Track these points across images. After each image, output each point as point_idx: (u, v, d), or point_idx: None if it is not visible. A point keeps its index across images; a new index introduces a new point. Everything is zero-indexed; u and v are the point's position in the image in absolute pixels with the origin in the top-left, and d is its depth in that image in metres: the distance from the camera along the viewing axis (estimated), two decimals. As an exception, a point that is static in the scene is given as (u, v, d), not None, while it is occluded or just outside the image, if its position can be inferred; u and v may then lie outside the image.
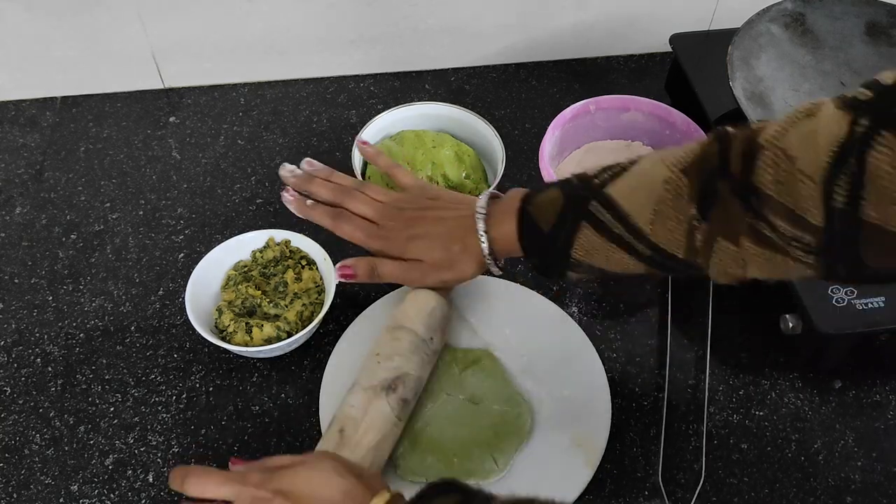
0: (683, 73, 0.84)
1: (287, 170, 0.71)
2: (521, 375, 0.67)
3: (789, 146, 0.47)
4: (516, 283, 0.73)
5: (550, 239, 0.57)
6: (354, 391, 0.61)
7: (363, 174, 0.80)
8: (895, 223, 0.44)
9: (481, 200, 0.62)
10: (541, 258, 0.59)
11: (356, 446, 0.57)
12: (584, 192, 0.56)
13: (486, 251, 0.61)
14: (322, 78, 0.95)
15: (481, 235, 0.61)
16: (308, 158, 0.73)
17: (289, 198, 0.69)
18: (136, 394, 0.68)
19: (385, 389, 0.60)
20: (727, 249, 0.51)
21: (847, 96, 0.46)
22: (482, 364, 0.67)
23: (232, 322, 0.67)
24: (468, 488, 0.48)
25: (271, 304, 0.69)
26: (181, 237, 0.79)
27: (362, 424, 0.58)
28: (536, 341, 0.69)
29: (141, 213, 0.81)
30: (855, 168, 0.44)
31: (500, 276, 0.66)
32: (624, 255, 0.55)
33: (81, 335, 0.72)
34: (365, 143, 0.76)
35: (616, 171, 0.56)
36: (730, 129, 0.52)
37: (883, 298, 0.64)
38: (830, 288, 0.65)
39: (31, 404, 0.68)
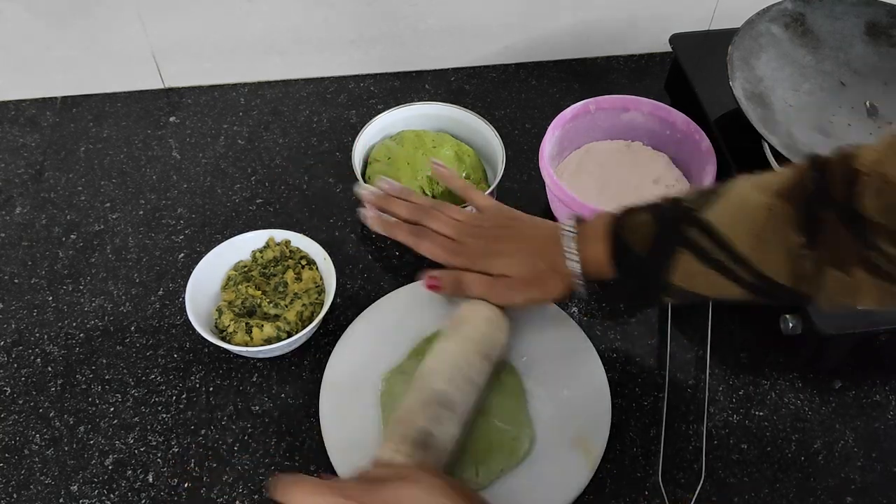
0: (683, 73, 0.84)
1: (365, 188, 0.71)
2: (521, 375, 0.67)
3: (893, 173, 0.46)
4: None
5: (646, 262, 0.56)
6: (454, 419, 0.59)
7: (363, 175, 0.80)
8: None
9: (571, 221, 0.61)
10: (637, 283, 0.58)
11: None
12: (678, 216, 0.55)
13: (575, 269, 0.60)
14: (322, 78, 0.95)
15: (571, 253, 0.60)
16: (384, 177, 0.72)
17: (370, 215, 0.70)
18: (136, 394, 0.68)
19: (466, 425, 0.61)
20: (838, 279, 0.50)
21: None
22: (501, 378, 0.66)
23: (232, 322, 0.67)
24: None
25: (271, 304, 0.69)
26: (181, 237, 0.79)
27: (448, 455, 0.58)
28: (536, 341, 0.69)
29: (141, 213, 0.82)
30: None
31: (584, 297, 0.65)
32: (727, 283, 0.54)
33: (81, 335, 0.72)
34: (438, 163, 0.74)
35: (709, 196, 0.54)
36: (825, 154, 0.50)
37: (883, 298, 0.64)
38: (830, 288, 0.65)
39: (31, 404, 0.68)
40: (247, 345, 0.67)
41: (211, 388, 0.69)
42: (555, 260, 0.61)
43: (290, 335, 0.67)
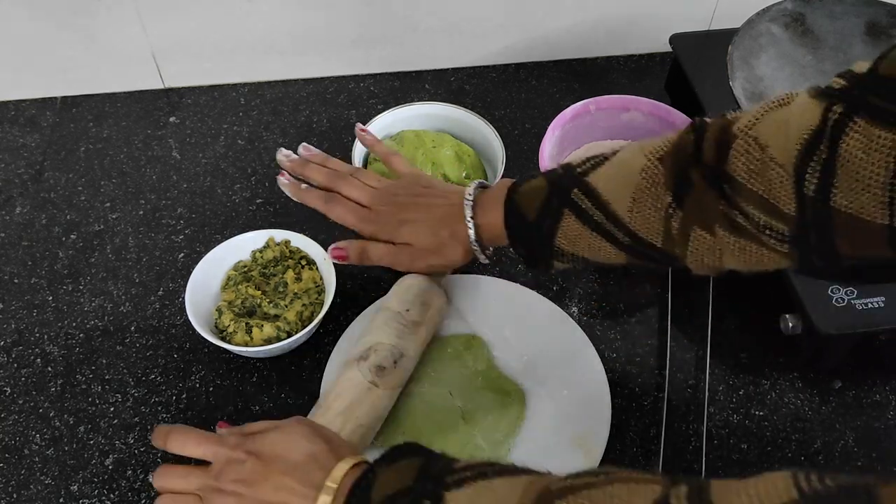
0: (683, 73, 0.84)
1: (283, 154, 0.73)
2: (522, 375, 0.67)
3: (761, 134, 0.48)
4: (516, 283, 0.73)
5: (535, 227, 0.58)
6: (347, 369, 0.63)
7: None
8: (867, 212, 0.44)
9: (469, 189, 0.63)
10: (526, 247, 0.60)
11: (326, 410, 0.60)
12: (568, 181, 0.57)
13: (473, 237, 0.62)
14: (322, 78, 0.95)
15: (468, 222, 0.62)
16: (305, 144, 0.74)
17: (284, 181, 0.71)
18: (136, 394, 0.68)
19: (357, 360, 0.62)
20: (703, 238, 0.52)
21: (821, 87, 0.47)
22: (471, 349, 0.69)
23: (232, 322, 0.67)
24: (430, 451, 0.49)
25: (271, 304, 0.69)
26: (181, 237, 0.79)
27: (332, 391, 0.61)
28: (536, 341, 0.69)
29: (141, 213, 0.81)
30: (826, 155, 0.44)
31: (486, 264, 0.67)
32: (605, 244, 0.56)
33: (81, 335, 0.72)
34: (364, 130, 0.77)
35: (599, 160, 0.57)
36: (707, 119, 0.52)
37: (883, 298, 0.64)
38: (830, 288, 0.65)
39: (31, 404, 0.68)
40: (247, 345, 0.67)
41: (211, 388, 0.69)
42: (455, 227, 0.63)
43: (290, 335, 0.67)
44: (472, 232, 0.62)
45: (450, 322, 0.71)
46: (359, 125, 0.78)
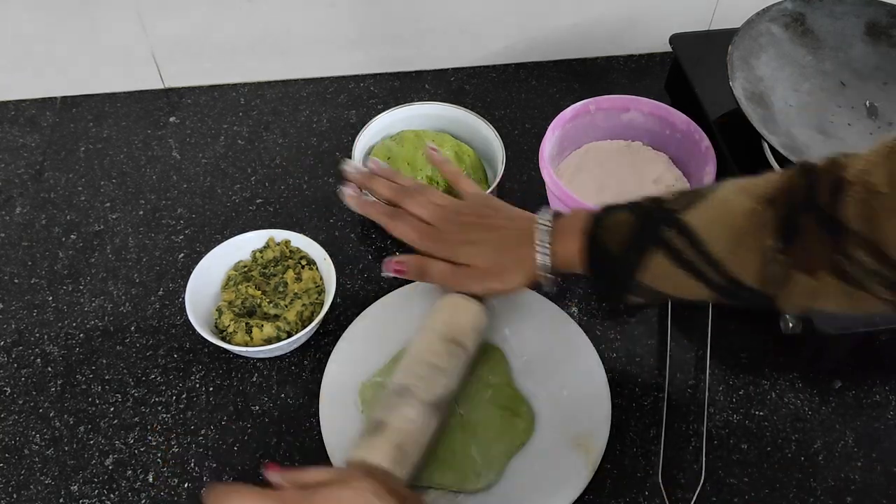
0: (683, 73, 0.84)
1: (351, 166, 0.71)
2: (521, 375, 0.67)
3: (879, 182, 0.46)
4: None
5: (619, 261, 0.56)
6: (411, 402, 0.59)
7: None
8: None
9: (545, 214, 0.61)
10: (605, 280, 0.58)
11: (411, 465, 0.57)
12: (659, 217, 0.55)
13: (544, 263, 0.60)
14: (322, 78, 0.95)
15: (543, 247, 0.60)
16: (374, 157, 0.73)
17: (349, 192, 0.69)
18: (136, 394, 0.68)
19: (439, 408, 0.60)
20: (803, 282, 0.50)
21: None
22: (490, 362, 0.67)
23: (232, 322, 0.67)
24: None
25: (271, 304, 0.69)
26: (181, 237, 0.79)
27: (419, 441, 0.58)
28: (536, 341, 0.69)
29: (141, 213, 0.82)
30: None
31: (547, 293, 0.64)
32: (694, 283, 0.54)
33: (81, 335, 0.72)
34: (434, 147, 0.75)
35: (692, 197, 0.54)
36: (814, 162, 0.51)
37: (883, 298, 0.64)
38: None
39: (31, 404, 0.68)
40: (247, 345, 0.67)
41: (211, 388, 0.69)
42: (521, 252, 0.61)
43: (290, 335, 0.67)
44: (546, 258, 0.60)
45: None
46: (429, 143, 0.76)
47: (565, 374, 0.67)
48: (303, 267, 0.72)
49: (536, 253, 0.60)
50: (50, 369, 0.70)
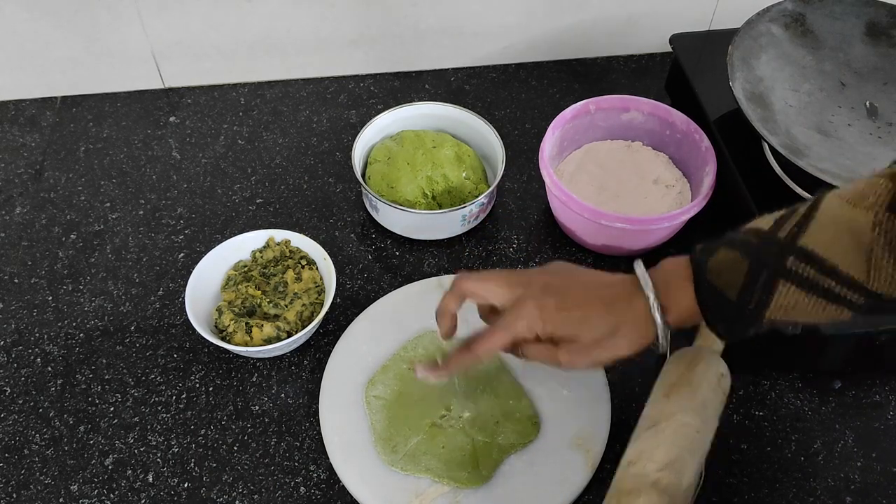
0: (683, 73, 0.84)
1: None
2: (521, 375, 0.67)
3: None
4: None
5: (740, 306, 0.52)
6: (691, 466, 0.56)
7: (363, 174, 0.80)
8: None
9: (640, 267, 0.56)
10: (727, 325, 0.54)
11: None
12: (775, 250, 0.51)
13: (660, 321, 0.54)
14: (322, 78, 0.95)
15: (654, 305, 0.54)
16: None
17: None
18: (136, 394, 0.68)
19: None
20: None
21: None
22: (499, 378, 0.67)
23: (232, 322, 0.67)
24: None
25: (271, 304, 0.69)
26: (181, 237, 0.79)
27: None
28: (536, 341, 0.69)
29: (141, 213, 0.82)
30: None
31: (661, 354, 0.58)
32: (833, 307, 0.51)
33: (81, 335, 0.72)
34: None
35: (796, 221, 0.51)
36: None
37: (883, 298, 0.64)
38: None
39: (31, 404, 0.68)
40: (247, 345, 0.67)
41: (211, 388, 0.69)
42: (624, 315, 0.55)
43: (290, 335, 0.67)
44: (658, 315, 0.54)
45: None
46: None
47: (565, 374, 0.67)
48: (303, 267, 0.72)
49: (655, 313, 0.54)
50: (50, 369, 0.70)
